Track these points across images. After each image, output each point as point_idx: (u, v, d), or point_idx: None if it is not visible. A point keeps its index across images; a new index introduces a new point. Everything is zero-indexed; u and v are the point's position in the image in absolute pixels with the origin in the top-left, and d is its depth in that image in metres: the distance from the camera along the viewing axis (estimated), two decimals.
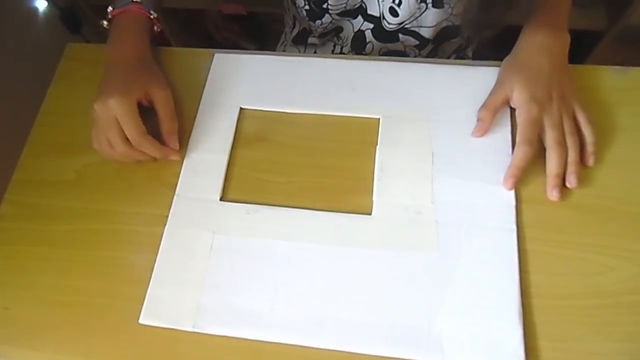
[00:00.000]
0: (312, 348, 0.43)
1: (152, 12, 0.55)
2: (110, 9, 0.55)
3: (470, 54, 0.77)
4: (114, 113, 0.47)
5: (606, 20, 1.07)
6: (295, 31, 0.75)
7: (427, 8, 0.60)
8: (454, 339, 0.42)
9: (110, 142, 0.48)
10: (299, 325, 0.43)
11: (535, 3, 0.55)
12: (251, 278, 0.46)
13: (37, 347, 0.45)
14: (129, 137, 0.48)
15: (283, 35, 0.81)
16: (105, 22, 0.56)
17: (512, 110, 0.51)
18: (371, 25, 0.64)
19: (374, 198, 0.49)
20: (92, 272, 0.48)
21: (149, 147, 0.49)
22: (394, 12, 0.60)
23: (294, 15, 0.75)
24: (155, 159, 0.51)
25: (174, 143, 0.51)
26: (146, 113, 0.50)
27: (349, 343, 0.43)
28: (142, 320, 0.44)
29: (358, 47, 0.68)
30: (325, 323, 0.43)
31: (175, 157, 0.51)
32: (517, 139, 0.48)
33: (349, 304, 0.44)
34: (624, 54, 1.11)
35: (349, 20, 0.64)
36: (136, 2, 0.54)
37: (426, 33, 0.63)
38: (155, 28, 0.57)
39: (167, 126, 0.51)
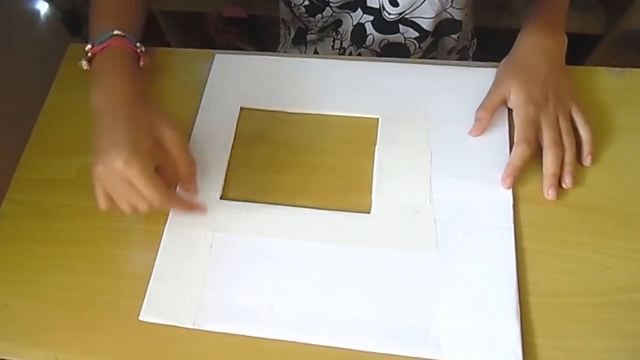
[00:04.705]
0: (311, 345, 0.43)
1: (138, 45, 0.49)
2: (88, 46, 0.48)
3: (471, 54, 0.77)
4: (127, 175, 0.40)
5: (604, 24, 1.08)
6: (293, 33, 0.75)
7: None
8: (452, 337, 0.42)
9: (133, 207, 0.43)
10: (298, 322, 0.44)
11: (533, 5, 0.56)
12: (251, 276, 0.46)
13: (38, 344, 0.45)
14: (151, 201, 0.42)
15: (282, 37, 0.82)
16: (84, 63, 0.48)
17: (510, 110, 0.52)
18: (371, 17, 0.64)
19: (373, 197, 0.49)
20: (92, 270, 0.48)
21: (176, 206, 0.46)
22: (394, 2, 0.61)
23: (283, 19, 0.75)
24: None
25: (195, 187, 0.47)
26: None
27: (347, 340, 0.43)
28: (142, 317, 0.45)
29: (358, 41, 0.68)
30: (324, 320, 0.44)
31: (201, 210, 0.47)
32: (515, 139, 0.49)
33: (347, 302, 0.44)
34: (621, 57, 1.12)
35: (348, 13, 0.65)
36: (119, 34, 0.47)
37: (426, 24, 0.63)
38: (142, 63, 0.50)
39: (186, 170, 0.46)
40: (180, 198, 0.46)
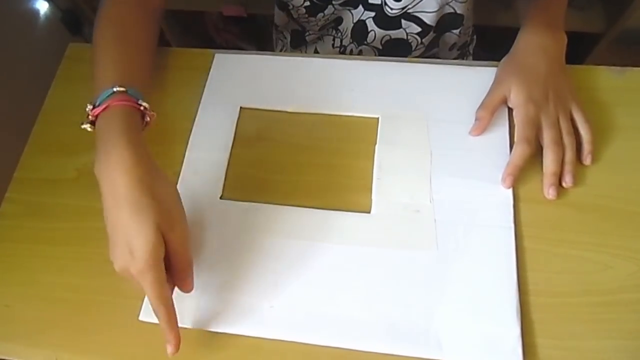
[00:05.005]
0: (311, 345, 0.43)
1: (141, 101, 0.45)
2: (89, 107, 0.44)
3: (471, 50, 0.77)
4: (139, 282, 0.39)
5: (604, 23, 1.08)
6: (288, 37, 0.75)
7: None
8: (453, 336, 0.42)
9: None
10: (298, 322, 0.44)
11: (532, 4, 0.55)
12: (250, 275, 0.46)
13: (38, 344, 0.45)
14: (151, 303, 0.39)
15: (278, 42, 0.82)
16: (88, 126, 0.44)
17: (510, 109, 0.52)
18: (372, 14, 0.64)
19: (373, 196, 0.49)
20: (92, 270, 0.48)
21: (164, 322, 0.39)
22: None
23: (276, 24, 0.75)
24: None
25: (190, 287, 0.43)
26: None
27: (347, 340, 0.43)
28: (142, 318, 0.45)
29: (359, 38, 0.68)
30: (324, 320, 0.44)
31: (173, 349, 0.40)
32: (515, 138, 0.49)
33: (347, 302, 0.44)
34: (622, 56, 1.11)
35: (349, 9, 0.65)
36: (120, 91, 0.43)
37: (428, 19, 0.63)
38: (147, 119, 0.46)
39: (184, 271, 0.42)
40: (174, 324, 0.40)
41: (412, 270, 0.45)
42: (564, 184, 0.48)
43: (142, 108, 0.45)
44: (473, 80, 0.54)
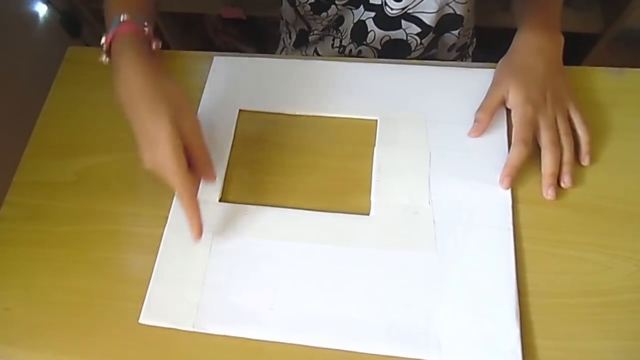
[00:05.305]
0: (311, 347, 0.43)
1: (146, 24, 0.49)
2: (103, 39, 0.49)
3: (470, 52, 0.77)
4: (164, 171, 0.42)
5: (602, 23, 1.08)
6: (294, 36, 0.75)
7: None
8: (452, 337, 0.42)
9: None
10: (298, 324, 0.44)
11: (528, 5, 0.56)
12: (250, 278, 0.46)
13: (38, 348, 0.45)
14: (176, 192, 0.43)
15: (281, 41, 0.82)
16: (105, 57, 0.49)
17: (508, 110, 0.52)
18: (372, 14, 0.64)
19: (372, 198, 0.49)
20: (92, 273, 0.48)
21: (187, 207, 0.43)
22: None
23: (287, 21, 0.75)
24: None
25: (213, 175, 0.46)
26: None
27: (347, 342, 0.43)
28: (142, 320, 0.45)
29: (358, 38, 0.68)
30: (324, 322, 0.44)
31: (196, 235, 0.44)
32: (513, 139, 0.49)
33: (347, 303, 0.44)
34: (620, 56, 1.12)
35: (351, 9, 0.65)
36: (126, 20, 0.48)
37: (428, 19, 0.63)
38: (154, 45, 0.50)
39: (204, 159, 0.45)
40: (196, 210, 0.44)
41: (411, 271, 0.45)
42: (562, 184, 0.48)
43: (146, 30, 0.49)
44: (471, 82, 0.54)
